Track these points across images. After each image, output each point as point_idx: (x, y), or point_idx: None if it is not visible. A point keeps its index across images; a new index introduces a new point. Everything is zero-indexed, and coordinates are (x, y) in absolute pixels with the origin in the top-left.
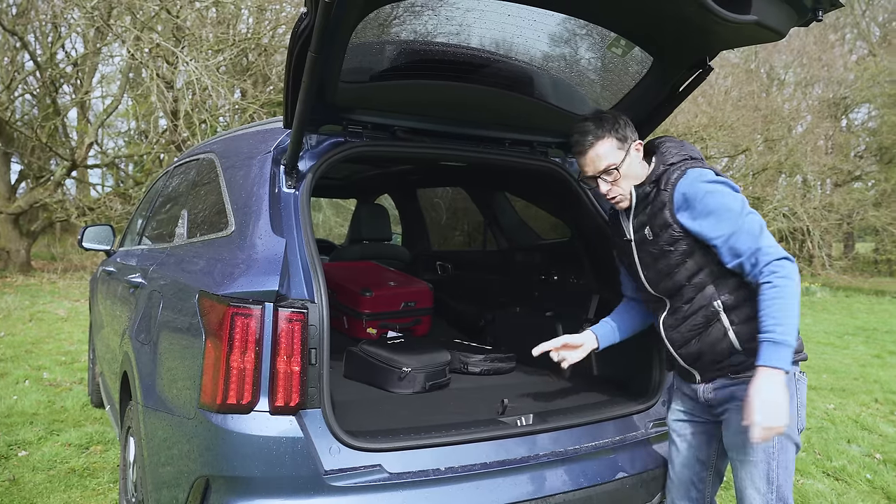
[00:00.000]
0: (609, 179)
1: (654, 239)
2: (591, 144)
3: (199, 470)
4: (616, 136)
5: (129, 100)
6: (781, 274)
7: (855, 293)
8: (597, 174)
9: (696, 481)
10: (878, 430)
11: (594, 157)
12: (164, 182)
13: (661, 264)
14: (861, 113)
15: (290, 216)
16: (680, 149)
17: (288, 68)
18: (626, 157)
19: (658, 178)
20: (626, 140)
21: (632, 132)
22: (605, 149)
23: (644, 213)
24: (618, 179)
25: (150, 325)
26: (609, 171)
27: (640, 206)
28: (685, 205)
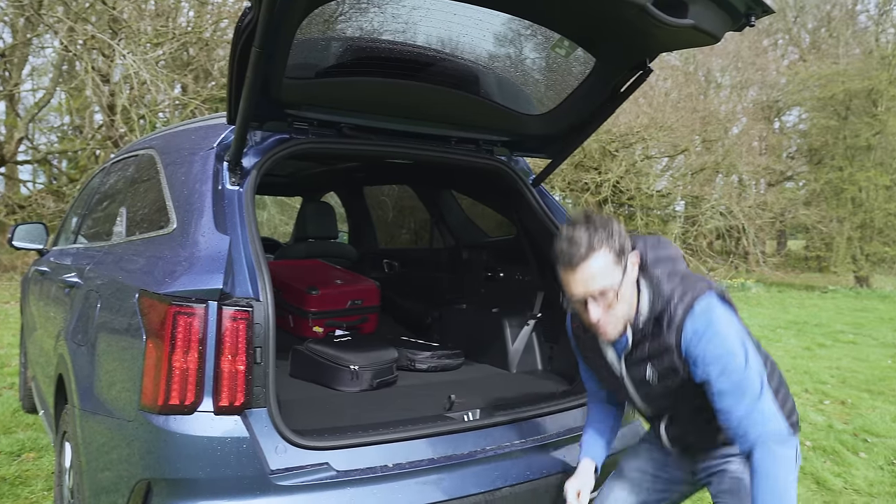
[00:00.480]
0: (603, 304)
1: (660, 381)
2: (582, 258)
3: (139, 473)
4: (612, 248)
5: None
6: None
7: (787, 288)
8: (588, 296)
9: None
10: (808, 418)
11: (588, 277)
12: (100, 179)
13: (667, 402)
14: (792, 116)
15: (234, 213)
16: (666, 266)
17: (231, 63)
18: (624, 276)
19: (659, 316)
20: (623, 253)
21: (627, 242)
22: (600, 265)
23: (642, 349)
24: (612, 304)
25: (88, 326)
26: (605, 293)
27: (636, 344)
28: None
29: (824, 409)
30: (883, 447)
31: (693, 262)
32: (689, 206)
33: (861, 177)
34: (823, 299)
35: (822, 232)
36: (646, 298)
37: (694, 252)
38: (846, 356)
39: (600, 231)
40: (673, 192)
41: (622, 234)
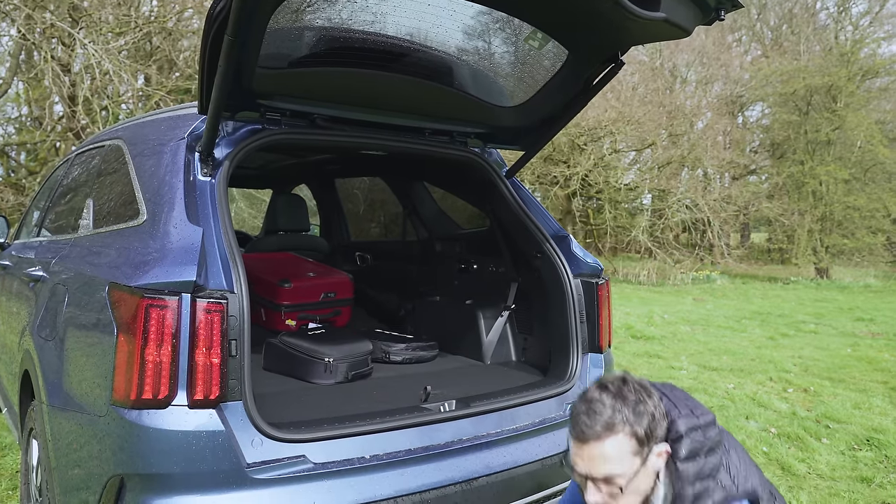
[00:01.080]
0: (605, 492)
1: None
2: (596, 436)
3: (112, 469)
4: (636, 433)
5: (21, 83)
6: None
7: (751, 280)
8: (590, 478)
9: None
10: (773, 406)
11: (595, 456)
12: (64, 171)
13: None
14: (755, 111)
15: (207, 205)
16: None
17: (203, 51)
18: (640, 470)
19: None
20: (647, 441)
21: (658, 422)
22: (615, 450)
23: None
24: (617, 497)
25: (55, 321)
26: (611, 481)
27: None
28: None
29: (788, 397)
30: (844, 433)
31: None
32: (656, 199)
33: (821, 171)
34: (786, 290)
35: (784, 225)
36: (660, 496)
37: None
38: (808, 345)
39: (629, 406)
40: (640, 185)
41: (655, 417)
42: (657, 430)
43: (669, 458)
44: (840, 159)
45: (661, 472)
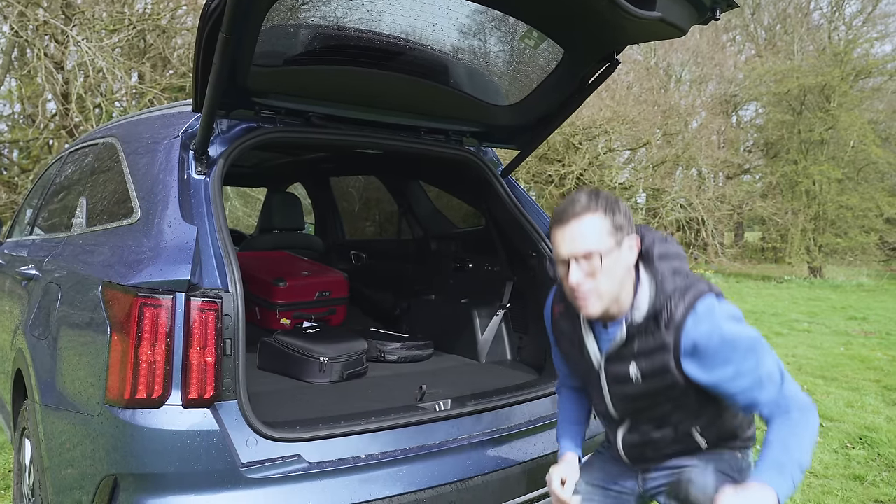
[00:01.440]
0: (585, 269)
1: (643, 381)
2: (575, 215)
3: (106, 469)
4: (611, 217)
5: (13, 81)
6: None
7: (744, 279)
8: (572, 257)
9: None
10: None
11: (577, 234)
12: (57, 169)
13: (642, 404)
14: (749, 110)
15: (201, 203)
16: (672, 262)
17: (198, 49)
18: (615, 250)
19: (657, 314)
20: (621, 229)
21: (631, 225)
22: (592, 227)
23: (631, 347)
24: (596, 273)
25: (48, 320)
26: (590, 257)
27: (628, 339)
28: (696, 354)
29: None
30: (837, 431)
31: None
32: (650, 198)
33: (815, 170)
34: (779, 289)
35: (778, 224)
36: (646, 293)
37: None
38: (801, 344)
39: (604, 200)
40: (635, 184)
41: (627, 215)
42: (627, 224)
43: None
44: (833, 159)
45: (643, 274)
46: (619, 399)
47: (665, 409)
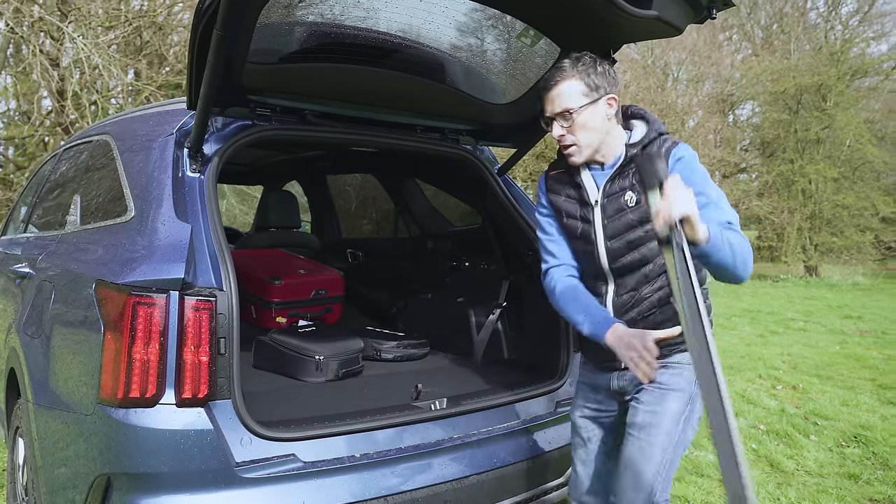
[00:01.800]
0: (564, 125)
1: (638, 205)
2: (556, 82)
3: (98, 469)
4: (586, 80)
5: (8, 77)
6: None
7: None
8: (553, 115)
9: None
10: (762, 403)
11: (555, 96)
12: (51, 166)
13: (634, 235)
14: (746, 109)
15: (196, 201)
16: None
17: (192, 46)
18: (588, 106)
19: (650, 143)
20: (596, 89)
21: (609, 84)
22: (568, 89)
23: (628, 177)
24: (573, 127)
25: (41, 318)
26: (565, 114)
27: (625, 167)
28: (674, 170)
29: (777, 394)
30: (832, 430)
31: None
32: None
33: (811, 169)
34: (775, 288)
35: (774, 223)
36: (641, 129)
37: None
38: (797, 343)
39: (581, 65)
40: None
41: (605, 75)
42: (605, 82)
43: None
44: (829, 158)
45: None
46: (612, 237)
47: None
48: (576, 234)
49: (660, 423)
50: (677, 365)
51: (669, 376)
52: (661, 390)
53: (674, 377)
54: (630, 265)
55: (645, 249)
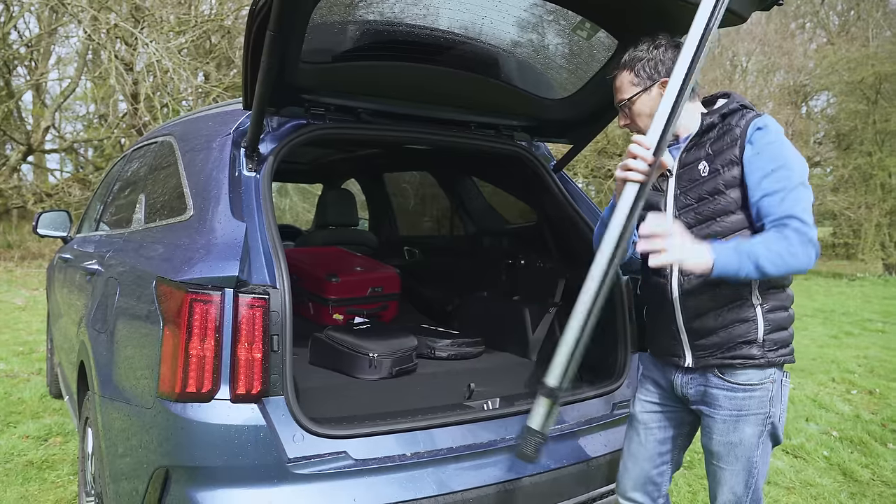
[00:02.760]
0: (625, 114)
1: (711, 176)
2: (613, 76)
3: (158, 460)
4: (634, 70)
5: (87, 82)
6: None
7: (813, 276)
8: (617, 105)
9: (654, 475)
10: (835, 408)
11: (615, 89)
12: (122, 166)
13: (705, 208)
14: (820, 100)
15: (251, 200)
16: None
17: (246, 48)
18: (641, 95)
19: (730, 113)
20: (646, 77)
21: (662, 68)
22: (620, 81)
23: (704, 147)
24: (632, 115)
25: (107, 313)
26: (623, 104)
27: (702, 137)
28: (754, 140)
29: (851, 399)
30: None
31: None
32: None
33: (891, 162)
34: (851, 287)
35: (850, 219)
36: (720, 103)
37: None
38: (874, 345)
39: (635, 52)
40: None
41: (655, 64)
42: (656, 70)
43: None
44: None
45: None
46: (683, 208)
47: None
48: (646, 204)
49: (737, 452)
50: (745, 386)
51: (740, 400)
52: (732, 416)
53: (745, 401)
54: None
55: (715, 227)
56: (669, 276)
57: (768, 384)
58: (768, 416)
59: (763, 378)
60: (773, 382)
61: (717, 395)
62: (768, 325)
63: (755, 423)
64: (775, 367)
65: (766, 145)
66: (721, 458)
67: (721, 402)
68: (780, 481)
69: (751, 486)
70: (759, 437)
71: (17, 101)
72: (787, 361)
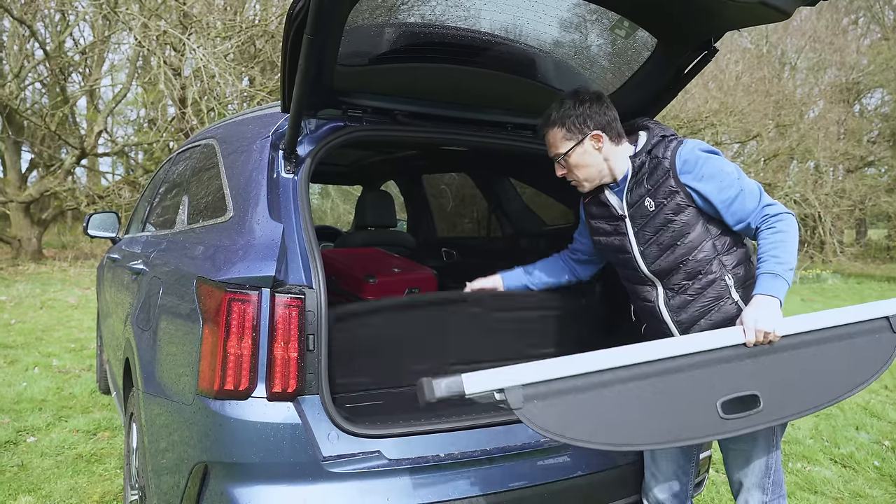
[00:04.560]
0: (562, 166)
1: (657, 209)
2: (542, 131)
3: (197, 456)
4: (565, 126)
5: (138, 87)
6: (785, 222)
7: (867, 280)
8: (553, 157)
9: (680, 475)
10: (888, 416)
11: (547, 143)
12: (167, 168)
13: (664, 237)
14: (874, 98)
15: (289, 201)
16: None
17: (284, 51)
18: (574, 148)
19: (654, 147)
20: (577, 132)
21: (591, 123)
22: (553, 137)
23: (642, 184)
24: (569, 166)
25: (150, 312)
26: (557, 158)
27: (637, 177)
28: (687, 168)
29: None
30: None
31: None
32: None
33: None
34: None
35: None
36: (642, 139)
37: None
38: None
39: (561, 109)
40: None
41: (584, 117)
42: (585, 124)
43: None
44: None
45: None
46: (645, 242)
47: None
48: (613, 248)
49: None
50: None
51: None
52: None
53: None
54: (669, 267)
55: (679, 250)
56: (656, 300)
57: None
58: None
59: None
60: None
61: None
62: (737, 280)
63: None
64: None
65: (700, 168)
66: (740, 440)
67: None
68: (828, 491)
69: (771, 467)
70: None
71: (72, 107)
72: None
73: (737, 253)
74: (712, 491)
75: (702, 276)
